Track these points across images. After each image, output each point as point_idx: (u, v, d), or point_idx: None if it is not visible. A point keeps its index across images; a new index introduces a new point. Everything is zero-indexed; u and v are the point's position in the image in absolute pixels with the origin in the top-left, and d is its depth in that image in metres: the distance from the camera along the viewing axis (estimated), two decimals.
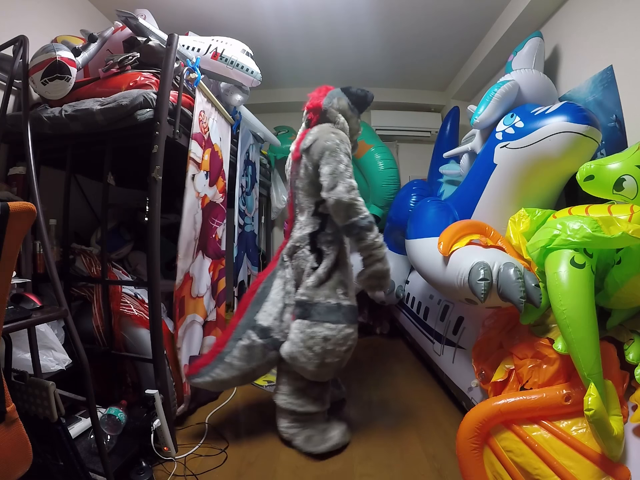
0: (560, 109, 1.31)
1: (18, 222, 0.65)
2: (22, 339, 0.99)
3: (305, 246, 1.44)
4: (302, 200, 1.48)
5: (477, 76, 2.77)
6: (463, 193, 1.79)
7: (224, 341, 1.41)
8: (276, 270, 1.51)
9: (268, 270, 1.54)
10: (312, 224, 1.45)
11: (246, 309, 1.45)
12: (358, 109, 1.62)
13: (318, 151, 1.38)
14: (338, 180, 1.33)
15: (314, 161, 1.40)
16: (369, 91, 1.65)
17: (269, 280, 1.49)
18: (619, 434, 0.81)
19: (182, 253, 1.50)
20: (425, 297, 2.12)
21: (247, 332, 1.39)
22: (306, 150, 1.43)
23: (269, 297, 1.45)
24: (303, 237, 1.45)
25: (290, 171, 1.58)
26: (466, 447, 1.01)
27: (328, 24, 2.35)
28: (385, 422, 1.58)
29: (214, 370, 1.37)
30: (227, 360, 1.37)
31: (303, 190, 1.47)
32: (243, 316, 1.44)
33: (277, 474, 1.25)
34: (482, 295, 1.12)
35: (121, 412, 1.23)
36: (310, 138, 1.44)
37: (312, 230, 1.44)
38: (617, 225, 0.95)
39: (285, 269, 1.49)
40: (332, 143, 1.38)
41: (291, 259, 1.48)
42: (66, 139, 1.45)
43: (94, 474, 1.03)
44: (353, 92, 1.60)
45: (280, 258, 1.53)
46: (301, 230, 1.47)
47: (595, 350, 0.88)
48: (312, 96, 1.63)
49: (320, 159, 1.37)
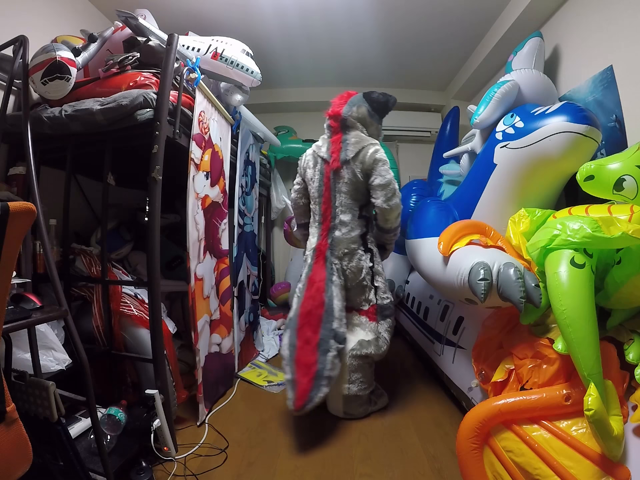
0: (560, 109, 1.31)
1: (18, 222, 0.65)
2: (22, 339, 0.99)
3: (360, 247, 1.59)
4: (345, 202, 1.60)
5: (477, 76, 2.77)
6: (463, 193, 1.79)
7: (313, 360, 1.43)
8: (329, 277, 1.57)
9: (319, 275, 1.58)
10: (360, 226, 1.60)
11: (318, 321, 1.50)
12: (379, 115, 1.69)
13: (369, 161, 1.54)
14: (395, 193, 1.55)
15: (364, 170, 1.55)
16: (391, 96, 1.70)
17: (329, 289, 1.55)
18: (619, 434, 0.81)
19: (192, 254, 1.52)
20: (425, 297, 2.12)
21: (330, 343, 1.46)
22: (351, 159, 1.55)
23: (335, 305, 1.53)
24: (355, 239, 1.59)
25: (320, 178, 1.65)
26: (466, 447, 1.01)
27: (328, 24, 2.35)
28: (385, 422, 1.58)
29: (321, 389, 1.41)
30: (326, 375, 1.42)
31: (348, 194, 1.59)
32: (321, 328, 1.49)
33: (277, 474, 1.25)
34: (482, 295, 1.12)
35: (121, 412, 1.22)
36: (351, 148, 1.56)
37: (361, 232, 1.60)
38: (617, 225, 0.95)
39: (334, 273, 1.57)
40: (381, 155, 1.55)
41: (342, 260, 1.59)
42: (66, 139, 1.45)
43: (94, 474, 1.03)
44: (374, 97, 1.65)
45: (327, 261, 1.59)
46: (350, 231, 1.59)
47: (595, 350, 0.88)
48: (333, 103, 1.69)
49: (373, 169, 1.53)
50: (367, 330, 1.59)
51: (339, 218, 1.60)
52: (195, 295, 1.55)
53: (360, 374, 1.56)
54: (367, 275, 1.60)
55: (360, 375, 1.56)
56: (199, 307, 1.58)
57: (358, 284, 1.60)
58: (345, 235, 1.58)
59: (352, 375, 1.55)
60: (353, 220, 1.59)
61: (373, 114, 1.66)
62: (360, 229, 1.60)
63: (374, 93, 1.67)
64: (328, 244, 1.60)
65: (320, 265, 1.60)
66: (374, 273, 1.62)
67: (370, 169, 1.54)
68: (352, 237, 1.58)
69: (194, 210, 1.56)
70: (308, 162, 1.74)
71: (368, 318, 1.61)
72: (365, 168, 1.54)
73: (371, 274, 1.61)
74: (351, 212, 1.59)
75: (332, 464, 1.30)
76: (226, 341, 1.84)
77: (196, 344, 1.52)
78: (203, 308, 1.64)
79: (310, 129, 3.35)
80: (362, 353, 1.55)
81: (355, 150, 1.55)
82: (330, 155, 1.61)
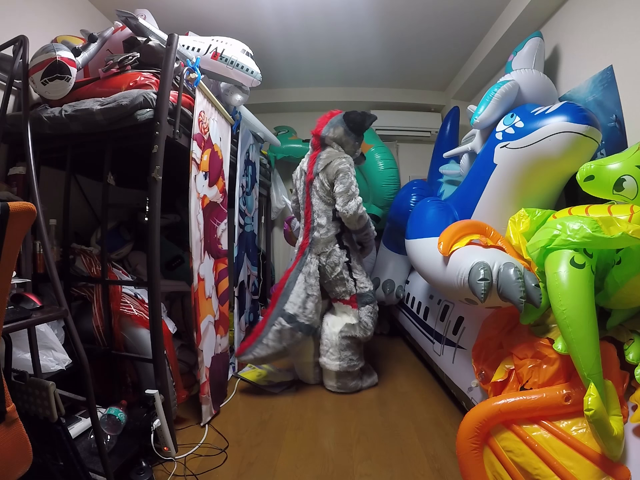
0: (560, 109, 1.31)
1: (18, 222, 0.65)
2: (22, 339, 0.99)
3: (335, 245, 1.86)
4: (320, 207, 1.88)
5: (477, 76, 2.77)
6: (463, 193, 1.79)
7: (261, 327, 1.78)
8: (299, 266, 1.86)
9: (292, 269, 1.89)
10: (335, 227, 1.87)
11: (276, 301, 1.82)
12: (356, 133, 1.93)
13: (332, 172, 1.80)
14: (351, 198, 1.77)
15: (330, 179, 1.81)
16: (371, 115, 1.92)
17: (294, 276, 1.85)
18: (619, 434, 0.81)
19: (194, 254, 1.52)
20: (425, 297, 2.12)
21: (278, 319, 1.77)
22: (321, 172, 1.84)
23: (293, 290, 1.81)
24: (331, 238, 1.86)
25: (303, 187, 1.97)
26: (466, 447, 1.01)
27: (328, 24, 2.35)
28: (386, 422, 1.58)
29: (255, 349, 1.76)
30: (264, 342, 1.75)
31: (321, 200, 1.87)
32: (274, 306, 1.81)
33: (277, 474, 1.25)
34: (482, 295, 1.12)
35: (121, 412, 1.22)
36: (321, 162, 1.85)
37: (336, 232, 1.87)
38: (617, 225, 0.95)
39: (306, 265, 1.85)
40: (343, 166, 1.79)
41: (320, 256, 1.86)
42: (66, 139, 1.44)
43: (94, 474, 1.03)
44: (352, 118, 1.89)
45: (304, 256, 1.87)
46: (327, 232, 1.86)
47: (595, 350, 0.88)
48: (317, 122, 1.96)
49: (335, 178, 1.79)
50: (351, 315, 1.88)
51: (316, 221, 1.88)
52: (198, 296, 1.55)
53: (350, 352, 1.83)
54: (344, 269, 1.86)
55: (349, 353, 1.83)
56: (202, 307, 1.58)
57: (337, 277, 1.87)
58: (322, 235, 1.87)
59: (341, 353, 1.82)
60: (328, 223, 1.87)
61: (350, 133, 1.90)
62: (335, 230, 1.87)
63: (353, 113, 1.89)
64: (308, 243, 1.90)
65: (297, 259, 1.90)
66: (351, 267, 1.89)
67: (334, 179, 1.80)
68: (329, 237, 1.87)
69: (196, 210, 1.56)
70: (297, 174, 2.05)
71: (351, 306, 1.89)
72: (330, 179, 1.82)
73: (348, 268, 1.88)
74: (326, 215, 1.87)
75: (332, 464, 1.30)
76: (223, 340, 1.85)
77: (199, 344, 1.52)
78: (206, 308, 1.64)
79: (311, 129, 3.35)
80: (349, 334, 1.83)
81: (325, 164, 1.84)
82: (307, 168, 1.94)
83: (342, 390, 1.85)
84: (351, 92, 3.31)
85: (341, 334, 1.83)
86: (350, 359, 1.82)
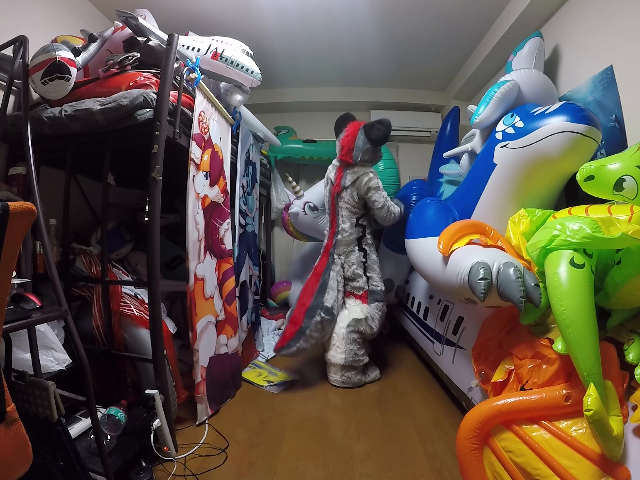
0: (560, 109, 1.31)
1: (18, 222, 0.65)
2: (22, 339, 0.99)
3: (355, 247, 2.06)
4: (345, 215, 2.07)
5: (477, 76, 2.76)
6: (463, 193, 1.79)
7: (300, 319, 1.90)
8: (329, 265, 2.05)
9: (322, 264, 2.08)
10: (357, 232, 2.07)
11: (313, 293, 1.97)
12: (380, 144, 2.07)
13: (362, 187, 2.00)
14: (389, 210, 2.04)
15: (359, 194, 2.02)
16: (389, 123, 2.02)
17: (327, 273, 2.03)
18: (619, 434, 0.81)
19: (190, 254, 1.52)
20: (425, 297, 2.12)
21: (318, 312, 1.91)
22: (350, 186, 2.02)
23: (329, 285, 1.99)
24: (352, 240, 2.06)
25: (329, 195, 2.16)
26: (466, 447, 1.01)
27: (328, 24, 2.35)
28: (386, 422, 1.58)
29: (298, 342, 1.87)
30: (307, 334, 1.87)
31: (348, 210, 2.06)
32: (312, 299, 1.95)
33: (277, 474, 1.25)
34: (482, 295, 1.12)
35: (121, 412, 1.22)
36: (349, 177, 2.03)
37: (357, 236, 2.07)
38: (616, 225, 0.95)
39: (334, 264, 2.04)
40: (373, 183, 2.00)
41: (341, 256, 2.06)
42: (66, 139, 1.45)
43: (94, 474, 1.03)
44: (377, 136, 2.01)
45: (330, 256, 2.07)
46: (349, 235, 2.05)
47: (594, 351, 0.88)
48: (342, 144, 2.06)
49: (367, 194, 2.00)
50: (359, 310, 1.99)
51: (341, 226, 2.07)
52: (196, 296, 1.55)
53: (355, 346, 1.92)
54: (360, 268, 2.04)
55: (355, 348, 1.91)
56: (200, 307, 1.58)
57: (354, 274, 2.04)
58: (345, 238, 2.05)
59: (347, 346, 1.90)
60: (351, 228, 2.06)
61: (376, 150, 2.06)
62: (357, 234, 2.07)
63: (375, 130, 1.99)
64: (332, 244, 2.09)
65: (324, 257, 2.10)
66: (366, 267, 2.06)
67: (364, 194, 2.00)
68: (350, 240, 2.06)
69: (194, 210, 1.56)
70: (326, 180, 2.23)
71: (361, 301, 2.03)
72: (360, 193, 2.02)
73: (363, 267, 2.06)
74: (350, 222, 2.06)
75: (332, 464, 1.30)
76: (232, 341, 1.85)
77: (194, 343, 1.52)
78: (206, 308, 1.64)
79: (311, 129, 3.36)
80: (356, 329, 1.93)
81: (352, 179, 2.02)
82: (335, 180, 2.10)
83: (346, 384, 1.90)
84: (351, 92, 3.31)
85: (348, 328, 1.92)
86: (355, 353, 1.90)
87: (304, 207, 2.60)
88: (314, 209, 2.59)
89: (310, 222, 2.63)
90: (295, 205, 2.64)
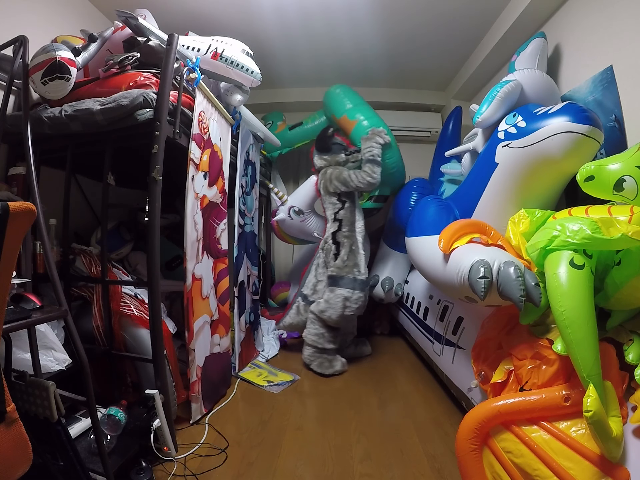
0: (562, 109, 1.31)
1: (18, 222, 0.65)
2: (22, 339, 0.99)
3: (330, 240, 2.26)
4: (328, 213, 2.34)
5: (477, 76, 2.76)
6: (464, 192, 1.79)
7: (290, 306, 2.40)
8: (314, 258, 2.37)
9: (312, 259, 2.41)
10: (333, 226, 2.28)
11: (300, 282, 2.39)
12: (327, 151, 2.39)
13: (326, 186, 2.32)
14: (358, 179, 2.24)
15: (328, 191, 2.32)
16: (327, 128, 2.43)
17: (311, 265, 2.38)
18: (619, 435, 0.81)
19: (189, 254, 1.52)
20: (425, 297, 2.12)
21: (298, 298, 2.36)
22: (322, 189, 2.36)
23: (309, 276, 2.36)
24: (329, 234, 2.29)
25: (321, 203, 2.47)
26: (465, 448, 1.01)
27: (328, 24, 2.35)
28: (386, 422, 1.58)
29: (284, 319, 2.39)
30: (290, 314, 2.37)
31: (328, 209, 2.34)
32: (297, 290, 2.40)
33: (277, 474, 1.25)
34: (482, 293, 1.12)
35: (121, 412, 1.23)
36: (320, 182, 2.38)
37: (334, 230, 2.27)
38: (616, 226, 0.95)
39: (317, 259, 2.36)
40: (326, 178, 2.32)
41: (322, 250, 2.33)
42: (66, 139, 1.45)
43: (94, 474, 1.03)
44: (318, 146, 2.43)
45: (319, 251, 2.36)
46: (328, 230, 2.30)
47: (594, 351, 0.88)
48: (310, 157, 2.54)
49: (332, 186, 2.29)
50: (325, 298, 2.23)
51: (327, 224, 2.34)
52: (193, 295, 1.55)
53: (313, 327, 2.18)
54: (332, 259, 2.26)
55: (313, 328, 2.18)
56: (197, 307, 1.58)
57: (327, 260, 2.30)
58: (327, 233, 2.32)
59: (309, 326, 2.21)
60: (329, 222, 2.33)
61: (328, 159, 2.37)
62: (333, 228, 2.28)
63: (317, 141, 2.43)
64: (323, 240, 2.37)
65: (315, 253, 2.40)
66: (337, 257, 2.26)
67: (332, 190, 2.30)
68: (328, 234, 2.30)
69: (193, 210, 1.56)
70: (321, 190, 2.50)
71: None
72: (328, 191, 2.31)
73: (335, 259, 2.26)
74: (330, 218, 2.32)
75: (332, 464, 1.30)
76: (224, 340, 1.85)
77: (190, 343, 1.52)
78: (202, 308, 1.64)
79: None
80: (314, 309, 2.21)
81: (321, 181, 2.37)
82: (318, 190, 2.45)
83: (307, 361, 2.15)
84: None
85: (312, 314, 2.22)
86: (315, 334, 2.14)
87: (289, 212, 2.62)
88: (299, 213, 2.61)
89: (298, 226, 2.65)
90: (280, 212, 2.67)
